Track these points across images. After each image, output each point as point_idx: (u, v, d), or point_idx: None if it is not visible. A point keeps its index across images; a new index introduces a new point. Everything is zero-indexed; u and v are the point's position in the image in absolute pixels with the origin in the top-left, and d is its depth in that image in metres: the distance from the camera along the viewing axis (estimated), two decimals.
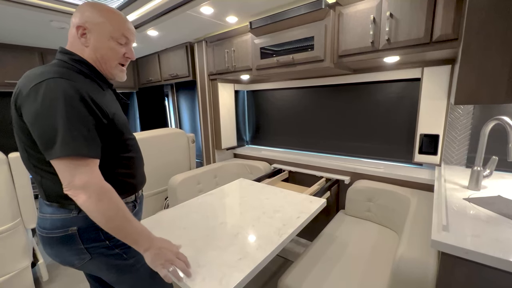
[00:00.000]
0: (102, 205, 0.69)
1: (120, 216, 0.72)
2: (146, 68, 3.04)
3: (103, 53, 0.80)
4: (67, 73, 0.72)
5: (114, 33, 0.80)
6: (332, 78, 1.93)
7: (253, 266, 0.83)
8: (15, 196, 1.52)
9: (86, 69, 0.79)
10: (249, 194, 1.48)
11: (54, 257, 0.82)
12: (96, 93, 0.75)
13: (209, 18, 1.81)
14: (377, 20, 1.29)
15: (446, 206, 0.96)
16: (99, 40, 0.78)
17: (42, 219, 0.78)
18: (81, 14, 0.77)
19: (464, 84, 0.97)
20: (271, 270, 1.86)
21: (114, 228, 0.72)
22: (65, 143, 0.65)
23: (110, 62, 0.82)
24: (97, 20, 0.77)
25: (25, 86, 0.68)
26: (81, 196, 0.67)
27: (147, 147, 2.04)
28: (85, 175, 0.68)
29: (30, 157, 0.75)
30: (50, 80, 0.67)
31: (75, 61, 0.78)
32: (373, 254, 1.30)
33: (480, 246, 0.72)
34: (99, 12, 0.78)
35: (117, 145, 0.82)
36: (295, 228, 1.07)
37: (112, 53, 0.81)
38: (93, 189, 0.68)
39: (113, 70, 0.84)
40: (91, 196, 0.68)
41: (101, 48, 0.79)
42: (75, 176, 0.67)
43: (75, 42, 0.79)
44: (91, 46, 0.78)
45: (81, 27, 0.77)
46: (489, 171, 1.15)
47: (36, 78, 0.68)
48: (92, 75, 0.80)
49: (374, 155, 1.90)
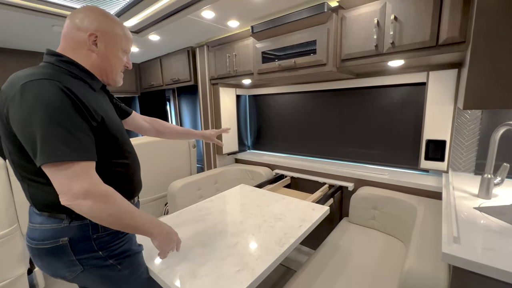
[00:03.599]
0: (109, 208, 0.67)
1: (128, 212, 0.72)
2: (148, 73, 3.05)
3: (113, 62, 0.82)
4: (54, 74, 0.68)
5: (124, 45, 0.84)
6: (335, 82, 1.90)
7: (252, 279, 0.79)
8: (12, 202, 1.49)
9: (75, 70, 0.75)
10: (250, 200, 1.44)
11: (45, 270, 0.78)
12: (86, 94, 0.72)
13: (210, 22, 1.80)
14: (381, 23, 1.26)
15: (456, 216, 0.91)
16: (111, 50, 0.80)
17: (32, 229, 0.75)
18: (92, 20, 0.76)
19: (473, 88, 0.93)
20: (272, 280, 1.81)
21: (126, 225, 0.72)
22: (57, 147, 0.61)
23: (116, 71, 0.85)
24: (109, 30, 0.79)
25: (10, 90, 0.65)
26: (84, 203, 0.64)
27: (148, 152, 2.02)
28: (85, 181, 0.64)
29: (16, 166, 0.71)
30: (35, 82, 0.63)
31: (63, 62, 0.74)
32: (379, 265, 1.24)
33: (494, 260, 0.67)
34: (109, 22, 0.79)
35: (111, 150, 0.79)
36: (296, 238, 1.03)
37: (119, 63, 0.85)
38: (97, 194, 0.65)
39: (117, 78, 0.87)
40: (96, 200, 0.65)
41: (111, 58, 0.81)
42: (74, 183, 0.63)
43: (77, 45, 0.76)
44: (100, 54, 0.79)
45: (93, 34, 0.76)
46: (500, 179, 1.10)
47: (21, 80, 0.64)
48: (83, 75, 0.77)
49: (378, 161, 1.85)
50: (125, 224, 0.72)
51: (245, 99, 2.64)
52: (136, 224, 0.74)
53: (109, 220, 0.69)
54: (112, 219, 0.69)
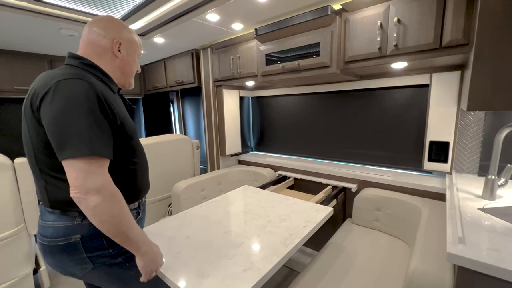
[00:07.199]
0: (114, 209, 0.68)
1: (127, 219, 0.72)
2: (152, 75, 3.08)
3: (131, 66, 0.93)
4: (83, 75, 0.73)
5: (139, 51, 0.96)
6: (339, 84, 1.91)
7: (258, 278, 0.80)
8: (19, 202, 1.51)
9: (97, 72, 0.81)
10: (254, 201, 1.45)
11: (55, 267, 0.79)
12: (109, 95, 0.76)
13: (215, 25, 1.82)
14: (384, 26, 1.27)
15: (461, 217, 0.92)
16: (130, 55, 0.91)
17: (44, 227, 0.77)
18: (116, 30, 0.87)
19: (477, 90, 0.94)
20: (276, 281, 1.81)
21: (120, 232, 0.71)
22: (82, 142, 0.65)
23: (132, 74, 0.96)
24: (131, 38, 0.91)
25: (41, 88, 0.69)
26: (93, 198, 0.65)
27: (152, 153, 2.03)
28: (99, 177, 0.67)
29: (38, 161, 0.74)
30: (69, 81, 0.68)
31: (86, 65, 0.80)
32: (384, 266, 1.25)
33: (500, 260, 0.68)
34: (130, 32, 0.92)
35: (125, 150, 0.82)
36: (301, 238, 1.03)
37: (135, 67, 0.97)
38: (107, 192, 0.67)
39: (132, 81, 0.98)
40: (105, 198, 0.67)
41: (130, 63, 0.92)
42: (89, 177, 0.65)
43: (102, 51, 0.84)
44: (123, 59, 0.89)
45: (119, 42, 0.86)
46: (504, 180, 1.10)
47: (52, 79, 0.69)
48: (104, 78, 0.83)
49: (381, 162, 1.86)
50: (120, 231, 0.71)
51: (248, 100, 2.66)
52: (130, 235, 0.72)
53: (109, 222, 0.68)
54: (112, 222, 0.69)
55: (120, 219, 0.70)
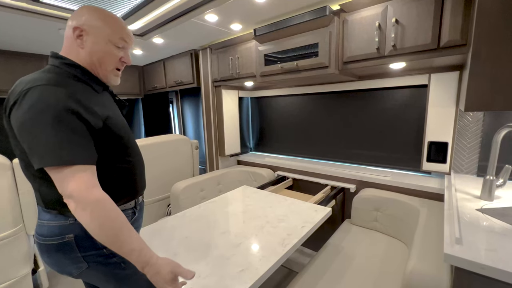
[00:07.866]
0: (87, 215, 0.65)
1: (112, 226, 0.67)
2: (151, 75, 3.08)
3: (100, 56, 0.78)
4: (56, 78, 0.70)
5: (112, 36, 0.79)
6: (337, 84, 1.91)
7: (255, 279, 0.80)
8: (18, 202, 1.51)
9: (78, 72, 0.77)
10: (253, 202, 1.45)
11: (52, 266, 0.79)
12: (89, 97, 0.74)
13: (213, 25, 1.83)
14: (382, 26, 1.27)
15: (458, 217, 0.92)
16: (97, 43, 0.77)
17: (40, 226, 0.77)
18: (79, 16, 0.76)
19: (475, 91, 0.94)
20: (274, 281, 1.81)
21: (110, 240, 0.67)
22: (49, 152, 0.63)
23: (106, 66, 0.81)
24: (95, 23, 0.76)
25: (12, 95, 0.68)
26: (70, 205, 0.66)
27: (151, 153, 2.03)
28: (71, 184, 0.65)
29: (27, 165, 0.73)
30: (37, 87, 0.66)
31: (67, 65, 0.76)
32: (382, 267, 1.25)
33: (497, 261, 0.68)
34: (97, 15, 0.77)
35: (116, 149, 0.80)
36: (299, 238, 1.04)
37: (109, 57, 0.80)
38: (78, 199, 0.65)
39: (109, 74, 0.83)
40: (77, 205, 0.65)
41: (98, 51, 0.78)
42: (64, 184, 0.65)
43: (70, 44, 0.77)
44: (87, 49, 0.77)
45: (78, 29, 0.75)
46: (503, 181, 1.10)
47: (23, 85, 0.67)
48: (86, 78, 0.78)
49: (380, 162, 1.86)
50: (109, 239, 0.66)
51: (247, 101, 2.66)
52: (122, 243, 0.67)
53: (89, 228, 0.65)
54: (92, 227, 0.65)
55: (111, 224, 0.66)
